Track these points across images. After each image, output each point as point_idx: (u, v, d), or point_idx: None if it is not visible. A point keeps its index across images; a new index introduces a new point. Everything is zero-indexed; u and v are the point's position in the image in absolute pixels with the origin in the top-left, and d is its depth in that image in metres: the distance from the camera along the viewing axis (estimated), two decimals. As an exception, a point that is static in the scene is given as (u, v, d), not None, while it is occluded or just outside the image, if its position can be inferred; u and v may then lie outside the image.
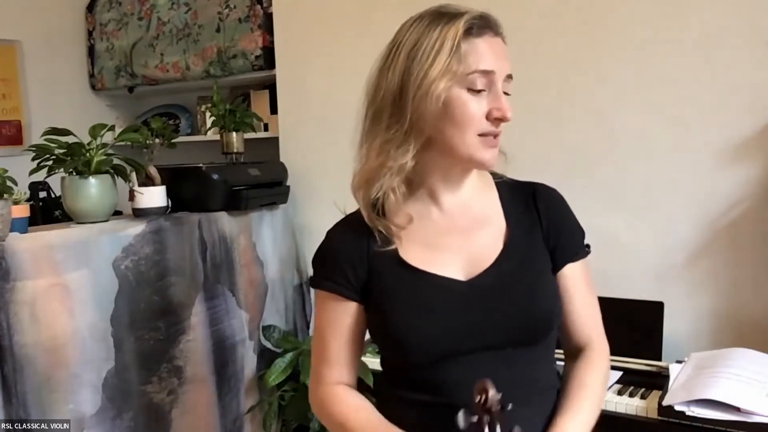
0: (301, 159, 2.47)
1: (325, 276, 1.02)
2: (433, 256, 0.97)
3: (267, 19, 2.62)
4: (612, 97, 1.92)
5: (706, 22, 1.78)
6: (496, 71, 0.91)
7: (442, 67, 0.88)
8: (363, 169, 0.96)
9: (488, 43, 0.91)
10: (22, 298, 1.52)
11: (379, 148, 0.93)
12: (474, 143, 0.91)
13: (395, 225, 0.97)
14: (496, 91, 0.91)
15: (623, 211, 1.93)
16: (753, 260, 1.77)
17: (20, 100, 2.95)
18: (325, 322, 1.03)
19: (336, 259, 1.00)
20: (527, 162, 2.06)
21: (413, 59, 0.90)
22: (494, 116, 0.91)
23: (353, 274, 0.99)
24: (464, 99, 0.90)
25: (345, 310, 1.01)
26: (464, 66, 0.89)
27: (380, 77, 0.94)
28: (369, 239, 0.98)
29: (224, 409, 2.09)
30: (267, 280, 2.33)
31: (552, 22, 1.99)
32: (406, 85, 0.91)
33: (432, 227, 0.98)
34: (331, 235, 1.04)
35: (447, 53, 0.88)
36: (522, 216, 1.01)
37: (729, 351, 1.64)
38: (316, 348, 1.06)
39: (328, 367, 1.03)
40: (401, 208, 0.97)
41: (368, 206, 0.97)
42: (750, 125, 1.75)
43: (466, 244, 0.97)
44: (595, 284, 1.12)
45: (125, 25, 3.03)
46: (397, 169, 0.93)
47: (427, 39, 0.90)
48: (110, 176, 1.79)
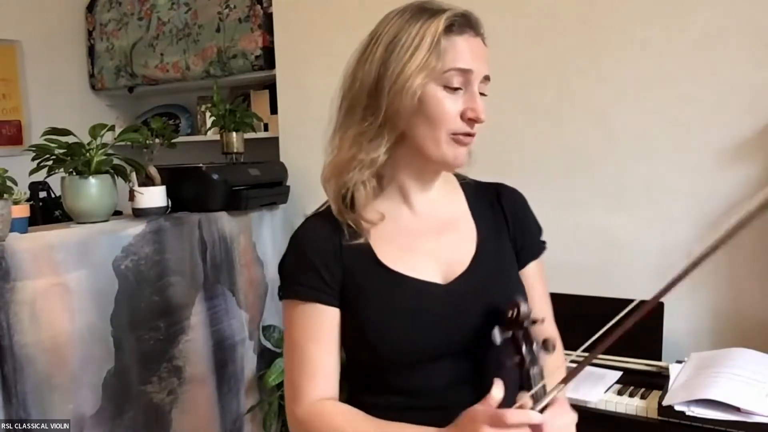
0: (301, 159, 2.47)
1: (299, 282, 0.94)
2: (408, 259, 0.95)
3: (267, 19, 2.62)
4: (612, 97, 1.92)
5: (706, 22, 1.78)
6: (474, 70, 0.90)
7: (419, 63, 0.87)
8: (334, 160, 0.94)
9: (468, 42, 0.90)
10: (22, 298, 1.52)
11: (351, 139, 0.92)
12: (445, 142, 0.90)
13: (365, 220, 0.94)
14: (472, 92, 0.90)
15: (623, 210, 1.93)
16: (753, 260, 1.77)
17: (20, 100, 2.95)
18: (304, 333, 0.94)
19: (309, 260, 0.94)
20: (527, 162, 2.07)
21: (391, 52, 0.89)
22: (468, 116, 0.90)
23: (330, 276, 0.94)
24: (439, 97, 0.89)
25: (326, 317, 0.94)
26: (442, 63, 0.88)
27: (357, 68, 0.93)
28: (339, 234, 0.95)
29: (224, 409, 2.09)
30: (267, 280, 2.33)
31: (552, 22, 1.99)
32: (382, 78, 0.89)
33: (404, 228, 0.97)
34: (299, 235, 0.98)
35: (426, 49, 0.87)
36: (489, 217, 1.02)
37: (729, 351, 1.64)
38: (294, 362, 0.95)
39: (310, 380, 0.94)
40: (371, 204, 0.95)
41: (338, 198, 0.94)
42: (750, 125, 1.75)
43: (438, 247, 0.97)
44: (595, 284, 1.12)
45: (125, 25, 3.03)
46: (369, 163, 0.92)
47: (407, 33, 0.89)
48: (110, 176, 1.79)
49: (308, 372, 0.94)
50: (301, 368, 0.94)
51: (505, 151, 2.00)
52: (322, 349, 0.94)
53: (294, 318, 0.95)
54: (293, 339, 0.95)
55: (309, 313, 0.94)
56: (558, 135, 2.01)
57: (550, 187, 2.00)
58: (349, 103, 0.93)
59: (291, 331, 0.96)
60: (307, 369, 0.94)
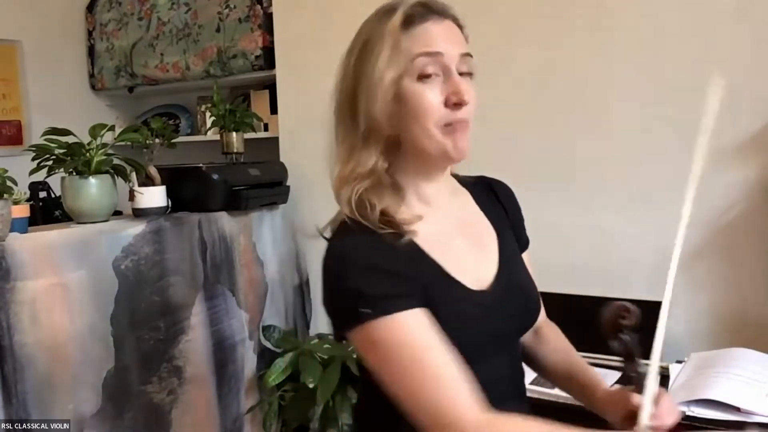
0: (301, 159, 2.47)
1: (383, 296, 0.80)
2: (451, 262, 0.90)
3: (267, 19, 2.62)
4: (611, 96, 1.92)
5: (706, 21, 1.78)
6: (444, 52, 0.85)
7: (385, 63, 0.85)
8: (338, 175, 0.90)
9: (433, 27, 0.86)
10: (22, 298, 1.52)
11: (347, 152, 0.90)
12: (439, 134, 0.86)
13: (404, 221, 0.87)
14: (450, 75, 0.85)
15: (623, 210, 1.93)
16: (752, 260, 1.77)
17: (20, 100, 2.95)
18: (414, 346, 0.80)
19: (383, 270, 0.82)
20: (526, 162, 2.07)
21: (362, 59, 0.87)
22: (452, 102, 0.85)
23: (410, 277, 0.83)
24: (417, 90, 0.85)
25: (427, 319, 0.82)
26: (406, 55, 0.85)
27: (339, 80, 0.91)
28: (385, 240, 0.85)
29: (224, 409, 2.09)
30: (267, 280, 2.33)
31: (552, 21, 1.99)
32: (357, 87, 0.88)
33: (436, 232, 0.91)
34: (351, 255, 0.84)
35: (388, 47, 0.85)
36: (496, 213, 1.03)
37: (729, 351, 1.64)
38: (417, 383, 0.80)
39: (457, 392, 0.79)
40: (399, 211, 0.89)
41: (361, 210, 0.86)
42: (749, 125, 1.75)
43: (468, 249, 0.94)
44: (595, 284, 1.13)
45: (125, 25, 3.03)
46: (367, 173, 0.88)
47: (372, 37, 0.87)
48: (110, 176, 1.79)
49: (446, 384, 0.80)
50: (436, 384, 0.79)
51: (504, 152, 2.00)
52: (445, 352, 0.81)
53: (391, 336, 0.80)
54: (401, 360, 0.80)
55: (410, 322, 0.81)
56: (557, 135, 2.01)
57: (550, 187, 2.00)
58: (338, 115, 0.92)
59: (392, 352, 0.80)
60: (443, 381, 0.80)
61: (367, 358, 0.85)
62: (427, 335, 0.81)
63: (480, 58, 0.90)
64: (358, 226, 0.85)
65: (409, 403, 0.81)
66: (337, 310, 0.85)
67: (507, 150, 2.01)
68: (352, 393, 2.04)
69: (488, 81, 2.13)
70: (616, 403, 0.94)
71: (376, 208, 0.86)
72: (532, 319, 1.01)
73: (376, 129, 0.87)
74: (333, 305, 0.86)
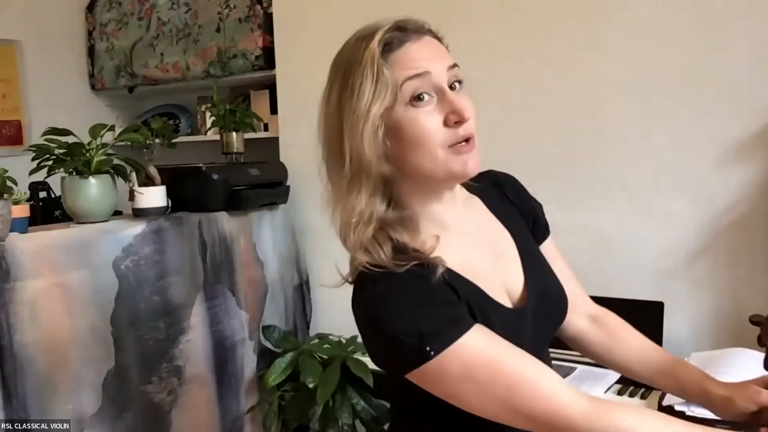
0: (301, 159, 2.47)
1: (444, 324, 0.77)
2: (483, 282, 0.87)
3: (267, 19, 2.62)
4: (612, 96, 1.92)
5: (706, 21, 1.78)
6: (432, 71, 0.81)
7: (369, 97, 0.79)
8: (342, 222, 0.84)
9: (414, 47, 0.82)
10: (22, 298, 1.52)
11: (343, 198, 0.83)
12: (446, 157, 0.81)
13: (425, 250, 0.82)
14: (443, 94, 0.81)
15: (623, 211, 1.93)
16: (753, 260, 1.77)
17: (20, 100, 2.95)
18: (496, 359, 0.78)
19: (431, 300, 0.79)
20: (527, 161, 2.07)
21: (342, 97, 0.82)
22: (452, 121, 0.81)
23: (456, 301, 0.81)
24: (411, 116, 0.80)
25: (491, 332, 0.80)
26: (393, 83, 0.79)
27: (323, 122, 0.86)
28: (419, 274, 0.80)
29: (224, 409, 2.09)
30: (267, 280, 2.33)
31: (552, 21, 1.99)
32: (342, 125, 0.81)
33: (460, 252, 0.87)
34: (391, 288, 0.79)
35: (370, 80, 0.79)
36: (507, 212, 0.99)
37: (729, 351, 1.64)
38: (514, 392, 0.77)
39: (552, 387, 0.77)
40: (418, 239, 0.84)
41: (378, 251, 0.80)
42: (750, 125, 1.75)
43: (492, 265, 0.90)
44: (595, 284, 1.12)
45: (125, 25, 3.03)
46: (368, 218, 0.82)
47: (351, 71, 0.81)
48: (110, 176, 1.79)
49: (536, 384, 0.77)
50: (527, 387, 0.77)
51: (503, 152, 2.00)
52: (520, 354, 0.79)
53: (464, 360, 0.77)
54: (481, 377, 0.77)
55: (476, 340, 0.78)
56: (557, 135, 2.01)
57: (550, 187, 1.99)
58: (327, 160, 0.86)
59: (471, 375, 0.77)
60: (532, 382, 0.77)
61: (442, 391, 0.80)
62: (497, 345, 0.79)
63: (474, 59, 0.89)
64: (382, 269, 0.80)
65: (504, 415, 0.78)
66: (396, 357, 0.79)
67: (505, 151, 2.00)
68: (352, 393, 2.04)
69: (484, 82, 2.12)
70: (742, 397, 0.93)
71: (389, 248, 0.81)
72: (562, 319, 0.98)
73: (366, 170, 0.81)
74: (390, 353, 0.80)
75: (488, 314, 0.83)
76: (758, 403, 0.92)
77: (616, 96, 1.91)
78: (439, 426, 0.88)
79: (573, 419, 0.75)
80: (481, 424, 0.81)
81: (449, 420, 0.85)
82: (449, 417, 0.84)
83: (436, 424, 0.88)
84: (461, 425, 0.85)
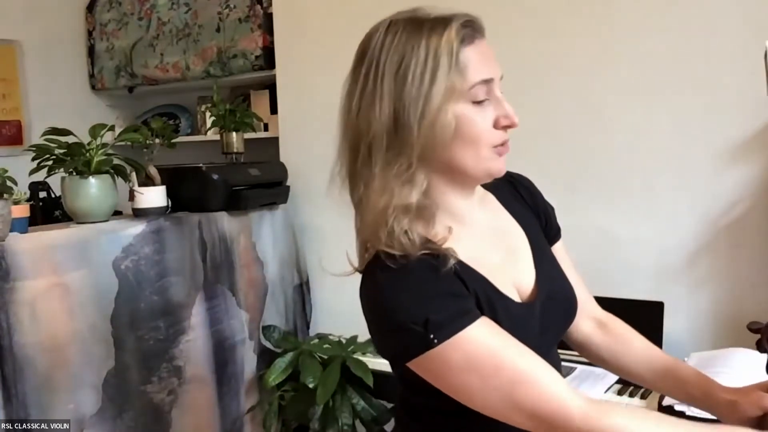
0: (301, 159, 2.47)
1: (453, 314, 0.78)
2: (493, 276, 0.87)
3: (267, 19, 2.62)
4: (612, 96, 1.92)
5: (706, 20, 1.78)
6: (495, 77, 0.84)
7: (444, 88, 0.79)
8: (367, 219, 0.83)
9: (481, 49, 0.83)
10: (22, 298, 1.52)
11: (380, 190, 0.81)
12: (488, 157, 0.85)
13: (439, 241, 0.83)
14: (498, 98, 0.84)
15: (623, 210, 1.93)
16: (753, 260, 1.77)
17: (20, 100, 2.95)
18: (500, 352, 0.79)
19: (445, 289, 0.80)
20: (527, 162, 2.07)
21: (403, 83, 0.80)
22: (503, 124, 0.84)
23: (466, 294, 0.82)
24: (470, 115, 0.82)
25: (496, 326, 0.81)
26: (466, 80, 0.81)
27: (362, 107, 0.82)
28: (432, 264, 0.81)
29: (224, 409, 2.09)
30: (267, 280, 2.33)
31: (552, 21, 1.99)
32: (402, 114, 0.80)
33: (472, 247, 0.87)
34: (404, 276, 0.80)
35: (446, 70, 0.79)
36: (521, 211, 1.01)
37: (729, 351, 1.64)
38: (515, 386, 0.77)
39: (552, 383, 0.78)
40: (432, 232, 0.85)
41: (396, 244, 0.81)
42: (750, 125, 1.75)
43: (505, 261, 0.91)
44: (595, 284, 1.13)
45: (125, 25, 3.03)
46: (404, 209, 0.81)
47: (415, 56, 0.80)
48: (110, 176, 1.79)
49: (537, 379, 0.78)
50: (528, 382, 0.78)
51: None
52: (524, 349, 0.80)
53: (469, 351, 0.78)
54: (485, 369, 0.77)
55: (481, 332, 0.79)
56: (558, 135, 2.01)
57: (550, 187, 1.98)
58: (363, 150, 0.82)
59: (474, 366, 0.78)
60: (533, 377, 0.78)
61: (444, 383, 0.81)
62: (502, 339, 0.80)
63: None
64: (396, 256, 0.80)
65: (504, 411, 0.79)
66: (400, 343, 0.79)
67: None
68: (352, 393, 2.04)
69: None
70: (747, 402, 0.94)
71: (414, 235, 0.81)
72: (571, 321, 0.99)
73: (429, 158, 0.82)
74: (394, 339, 0.80)
75: (496, 307, 0.84)
76: (763, 408, 0.92)
77: (617, 97, 1.91)
78: (444, 423, 0.89)
79: (573, 419, 0.76)
80: (485, 422, 0.82)
81: (454, 418, 0.86)
82: (454, 414, 0.85)
83: (441, 421, 0.89)
84: (466, 423, 0.85)
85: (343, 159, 0.87)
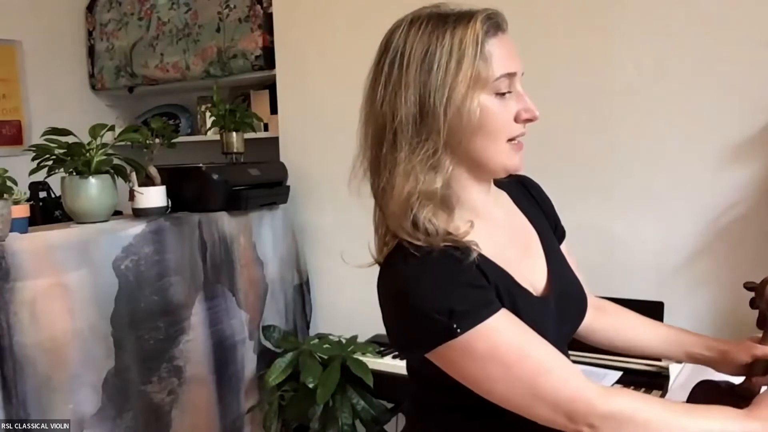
0: (301, 159, 2.47)
1: (475, 305, 0.79)
2: (512, 269, 0.88)
3: (267, 19, 2.62)
4: (612, 96, 1.92)
5: (706, 20, 1.78)
6: (518, 71, 0.86)
7: (469, 76, 0.81)
8: (392, 207, 0.83)
9: (504, 43, 0.85)
10: (22, 298, 1.52)
11: (404, 175, 0.82)
12: (505, 150, 0.87)
13: (461, 234, 0.84)
14: (518, 91, 0.87)
15: (623, 211, 1.93)
16: (753, 260, 1.77)
17: (20, 100, 2.95)
18: (521, 344, 0.80)
19: (468, 280, 0.81)
20: (527, 162, 2.07)
21: (429, 71, 0.81)
22: (523, 118, 0.87)
23: (488, 285, 0.83)
24: (492, 107, 0.84)
25: (516, 318, 0.82)
26: (491, 71, 0.82)
27: (386, 96, 0.83)
28: (455, 257, 0.82)
29: (224, 409, 2.09)
30: (267, 280, 2.33)
31: (552, 21, 1.99)
32: (428, 101, 0.81)
33: (491, 241, 0.88)
34: (428, 266, 0.81)
35: (471, 60, 0.81)
36: (531, 210, 1.02)
37: (729, 351, 1.64)
38: (538, 378, 0.79)
39: (573, 374, 0.80)
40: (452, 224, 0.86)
41: (422, 233, 0.82)
42: (750, 125, 1.75)
43: (520, 256, 0.92)
44: (595, 284, 1.13)
45: (125, 25, 3.03)
46: (430, 194, 0.82)
47: (440, 46, 0.81)
48: (110, 176, 1.79)
49: (559, 370, 0.80)
50: (551, 372, 0.79)
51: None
52: (543, 341, 0.81)
53: (492, 341, 0.79)
54: (507, 360, 0.79)
55: (503, 323, 0.80)
56: (558, 135, 2.01)
57: (550, 187, 1.99)
58: (390, 136, 0.83)
59: (496, 356, 0.79)
60: (555, 368, 0.80)
61: (465, 373, 0.81)
62: (522, 330, 0.81)
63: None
64: (419, 246, 0.81)
65: (525, 401, 0.79)
66: (423, 332, 0.80)
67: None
68: (352, 393, 2.04)
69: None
70: (738, 350, 1.02)
71: (436, 224, 0.82)
72: (582, 317, 1.01)
73: (454, 145, 0.83)
74: (417, 329, 0.81)
75: (516, 300, 0.85)
76: (753, 355, 1.01)
77: (617, 97, 1.91)
78: (459, 419, 0.90)
79: (595, 407, 0.78)
80: (500, 415, 0.82)
81: (469, 413, 0.87)
82: (470, 410, 0.86)
83: (459, 419, 0.90)
84: (481, 418, 0.86)
85: (365, 148, 0.88)
